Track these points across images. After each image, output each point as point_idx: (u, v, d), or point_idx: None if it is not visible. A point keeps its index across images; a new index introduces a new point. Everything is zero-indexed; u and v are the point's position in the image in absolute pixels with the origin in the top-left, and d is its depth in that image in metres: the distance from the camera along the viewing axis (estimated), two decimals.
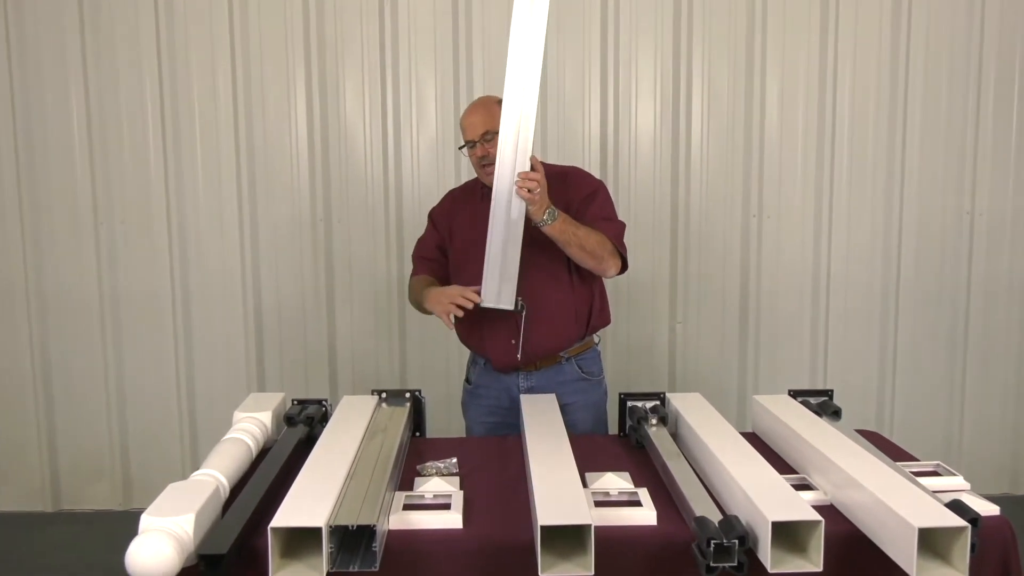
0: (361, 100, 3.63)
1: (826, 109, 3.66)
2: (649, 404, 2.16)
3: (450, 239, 2.55)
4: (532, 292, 2.34)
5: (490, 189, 2.29)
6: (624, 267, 2.44)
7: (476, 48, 3.59)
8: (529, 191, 2.17)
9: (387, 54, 3.61)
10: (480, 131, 2.35)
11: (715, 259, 3.73)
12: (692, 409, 2.08)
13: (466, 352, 2.65)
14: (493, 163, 2.26)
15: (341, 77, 3.62)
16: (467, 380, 2.62)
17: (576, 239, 2.27)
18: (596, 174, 2.89)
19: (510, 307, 2.30)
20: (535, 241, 2.27)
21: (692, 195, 3.69)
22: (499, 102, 2.27)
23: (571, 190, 2.43)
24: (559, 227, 2.24)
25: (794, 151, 3.68)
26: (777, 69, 3.64)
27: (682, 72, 3.64)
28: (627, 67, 3.63)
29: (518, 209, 2.24)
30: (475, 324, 2.41)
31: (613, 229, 2.40)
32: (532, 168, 2.21)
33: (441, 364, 3.68)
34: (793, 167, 3.69)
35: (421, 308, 2.47)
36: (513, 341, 2.39)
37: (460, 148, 2.50)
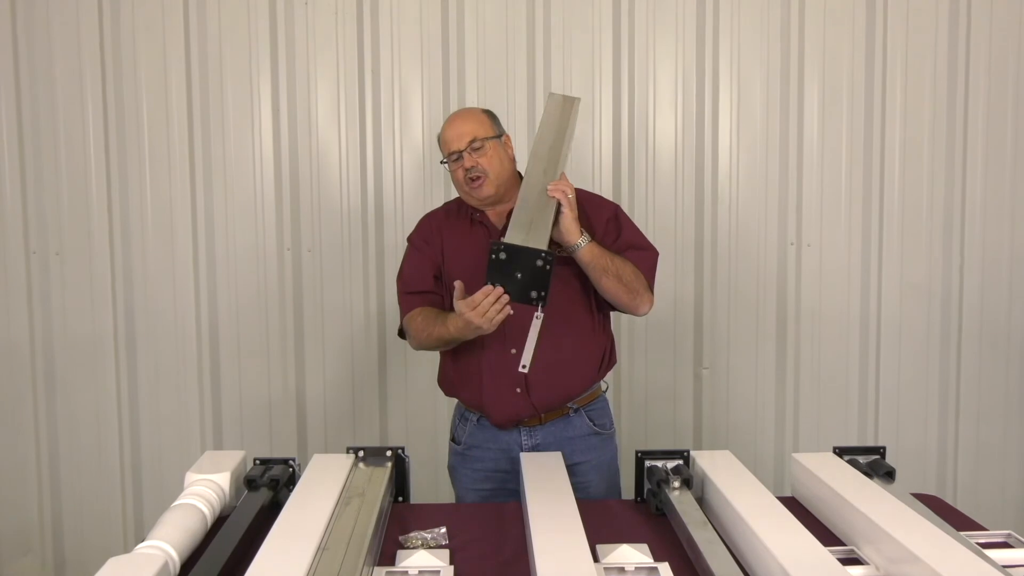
0: (336, 109, 3.65)
1: (874, 119, 3.68)
2: (671, 464, 2.17)
3: (444, 264, 2.47)
4: (547, 336, 2.30)
5: (481, 213, 2.29)
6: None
7: (469, 46, 3.62)
8: (564, 192, 2.17)
9: (366, 54, 3.64)
10: (467, 139, 2.35)
11: (747, 294, 3.74)
12: (721, 470, 2.09)
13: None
14: (481, 176, 2.29)
15: (313, 82, 3.64)
16: (454, 440, 2.59)
17: (613, 267, 2.28)
18: (608, 196, 2.90)
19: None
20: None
21: (720, 219, 3.70)
22: (485, 112, 2.32)
23: (590, 213, 2.44)
24: (595, 251, 2.24)
25: (837, 167, 3.70)
26: (817, 72, 3.66)
27: (707, 76, 3.67)
28: (644, 70, 3.66)
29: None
30: (470, 372, 2.41)
31: (647, 261, 2.42)
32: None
33: (428, 418, 3.68)
34: (837, 187, 3.70)
35: (443, 342, 2.38)
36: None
37: (442, 163, 2.46)
